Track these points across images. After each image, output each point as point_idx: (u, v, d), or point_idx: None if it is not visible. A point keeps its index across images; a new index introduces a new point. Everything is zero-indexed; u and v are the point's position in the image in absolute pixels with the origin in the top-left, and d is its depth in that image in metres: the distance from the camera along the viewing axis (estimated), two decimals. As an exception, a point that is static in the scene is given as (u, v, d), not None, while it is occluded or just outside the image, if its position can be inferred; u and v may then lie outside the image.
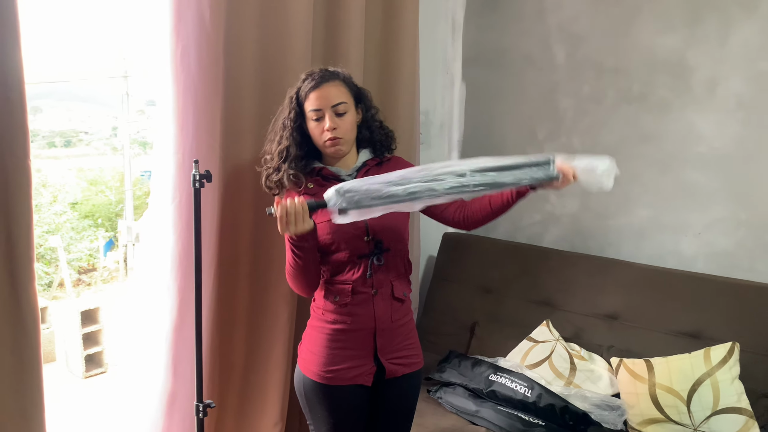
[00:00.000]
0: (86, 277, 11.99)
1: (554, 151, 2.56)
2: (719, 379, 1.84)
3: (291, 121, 1.57)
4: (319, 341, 1.58)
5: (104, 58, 14.51)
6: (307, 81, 1.56)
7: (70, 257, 11.62)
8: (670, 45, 2.28)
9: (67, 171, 14.76)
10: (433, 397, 2.17)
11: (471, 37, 2.85)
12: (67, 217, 12.45)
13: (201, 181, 1.64)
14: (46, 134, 17.09)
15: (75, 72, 14.20)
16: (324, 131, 1.54)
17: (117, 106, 12.39)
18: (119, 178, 13.47)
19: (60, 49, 13.55)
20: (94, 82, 15.39)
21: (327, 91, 1.54)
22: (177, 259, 1.86)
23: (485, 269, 2.61)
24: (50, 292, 10.54)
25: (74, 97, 18.86)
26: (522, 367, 2.15)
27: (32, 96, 16.85)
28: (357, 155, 1.64)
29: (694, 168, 2.28)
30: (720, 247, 2.25)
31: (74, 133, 17.75)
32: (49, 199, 12.92)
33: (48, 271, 11.01)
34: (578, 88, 2.53)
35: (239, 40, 1.90)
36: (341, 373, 1.55)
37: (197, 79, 1.80)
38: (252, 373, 2.10)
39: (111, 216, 13.58)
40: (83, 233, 12.46)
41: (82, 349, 3.96)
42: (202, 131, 1.83)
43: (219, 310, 1.97)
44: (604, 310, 2.27)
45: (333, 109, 1.53)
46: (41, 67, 13.88)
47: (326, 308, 1.58)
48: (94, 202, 13.75)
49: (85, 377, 4.05)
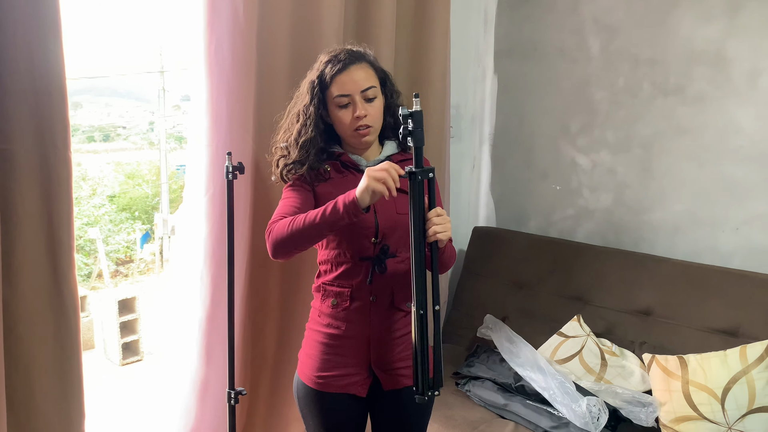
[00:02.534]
0: (123, 269, 12.30)
1: (587, 145, 2.54)
2: (755, 377, 1.80)
3: (314, 109, 1.44)
4: (314, 345, 1.50)
5: (142, 54, 14.81)
6: (332, 64, 1.42)
7: (108, 249, 11.93)
8: (710, 35, 2.23)
9: (106, 165, 15.14)
10: (461, 390, 2.17)
11: (503, 29, 2.83)
12: (106, 209, 12.78)
13: (234, 173, 1.68)
14: (85, 129, 17.56)
15: (113, 68, 14.54)
16: (353, 119, 1.42)
17: (154, 101, 12.65)
18: (155, 172, 13.77)
19: (99, 46, 13.88)
20: (132, 78, 15.73)
21: (355, 75, 1.42)
22: (210, 250, 1.90)
23: (516, 264, 2.59)
24: (89, 282, 10.85)
25: (113, 92, 19.32)
26: (552, 362, 2.13)
27: (72, 92, 17.31)
28: (380, 144, 1.54)
29: (733, 162, 2.22)
30: (759, 243, 2.19)
31: (113, 127, 18.20)
32: (89, 192, 13.29)
33: (87, 263, 11.32)
34: (613, 80, 2.49)
35: (272, 34, 1.93)
36: (333, 380, 1.46)
37: (231, 73, 1.83)
38: (282, 363, 2.14)
39: (147, 209, 13.89)
40: (121, 226, 12.78)
41: (119, 338, 4.06)
42: (235, 124, 1.86)
43: (251, 301, 2.01)
44: (637, 306, 2.24)
45: (362, 95, 1.42)
46: (81, 63, 14.25)
47: (322, 311, 1.50)
48: (132, 195, 14.08)
49: (122, 364, 4.16)
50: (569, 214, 2.69)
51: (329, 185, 1.47)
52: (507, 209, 2.91)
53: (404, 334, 1.49)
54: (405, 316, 1.49)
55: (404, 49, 2.36)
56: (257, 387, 2.11)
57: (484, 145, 2.95)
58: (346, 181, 1.47)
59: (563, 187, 2.69)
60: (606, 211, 2.57)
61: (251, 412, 2.12)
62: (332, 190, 1.45)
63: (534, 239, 2.65)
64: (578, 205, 2.65)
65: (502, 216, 2.93)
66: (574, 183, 2.65)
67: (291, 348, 2.12)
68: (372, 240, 1.43)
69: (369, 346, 1.47)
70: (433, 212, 1.29)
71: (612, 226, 2.55)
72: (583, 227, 2.64)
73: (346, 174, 1.49)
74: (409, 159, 1.52)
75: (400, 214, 1.43)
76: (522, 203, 2.84)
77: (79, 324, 1.71)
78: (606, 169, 2.55)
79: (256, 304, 2.03)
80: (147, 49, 14.69)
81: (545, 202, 2.76)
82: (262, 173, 1.96)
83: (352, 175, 1.48)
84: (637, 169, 2.46)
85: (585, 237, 2.62)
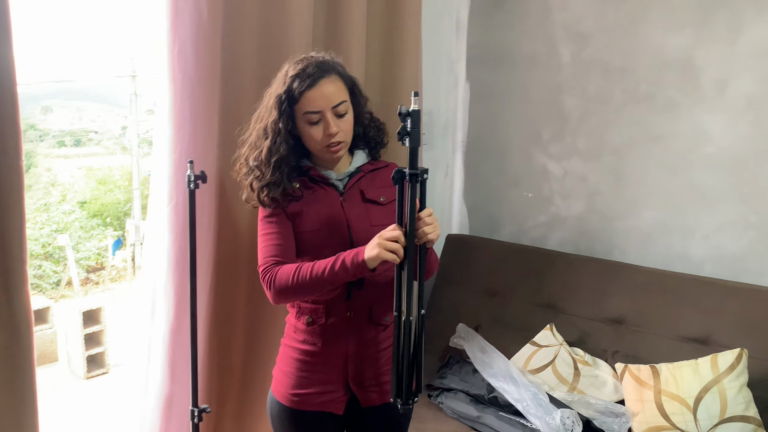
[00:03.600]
0: (94, 276, 12.06)
1: (559, 152, 2.53)
2: (726, 386, 1.79)
3: (284, 125, 1.37)
4: (289, 362, 1.46)
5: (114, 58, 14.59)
6: (300, 79, 1.36)
7: (79, 256, 11.69)
8: (679, 44, 2.23)
9: (77, 170, 14.85)
10: (434, 402, 2.13)
11: (475, 36, 2.82)
12: (76, 216, 12.53)
13: (196, 182, 1.62)
14: (56, 133, 17.22)
15: (85, 72, 14.29)
16: (324, 136, 1.37)
17: (126, 105, 12.45)
18: (128, 177, 13.54)
19: (70, 49, 13.62)
20: (104, 82, 15.48)
21: (325, 89, 1.36)
22: (174, 262, 1.84)
23: (489, 272, 2.57)
24: (58, 290, 10.61)
25: (84, 96, 18.98)
26: (525, 372, 2.11)
27: (43, 95, 16.97)
28: (350, 156, 1.50)
29: (703, 169, 2.23)
30: (729, 251, 2.20)
31: (84, 132, 17.88)
32: (58, 198, 13.02)
33: (56, 270, 11.07)
34: (584, 88, 2.48)
35: (238, 38, 1.87)
36: (309, 397, 1.43)
37: (194, 78, 1.78)
38: (250, 376, 2.08)
39: (119, 215, 13.66)
40: (92, 232, 12.54)
41: (83, 350, 3.95)
42: (200, 131, 1.81)
43: (216, 313, 1.95)
44: (609, 315, 2.23)
45: (334, 111, 1.37)
46: (51, 66, 13.97)
47: (297, 327, 1.46)
48: (103, 201, 13.83)
49: (87, 378, 4.04)
50: (541, 221, 2.67)
51: (301, 203, 1.42)
52: (480, 217, 2.89)
53: (382, 350, 1.45)
54: (384, 330, 1.46)
55: (375, 56, 2.32)
56: (224, 402, 2.04)
57: (457, 153, 2.92)
58: (316, 197, 1.43)
59: (535, 195, 2.68)
60: (578, 218, 2.56)
61: (218, 427, 2.06)
62: (303, 208, 1.41)
63: (507, 247, 2.63)
64: (550, 212, 2.64)
65: (475, 223, 2.90)
66: (546, 190, 2.64)
67: (259, 361, 2.06)
68: None
69: (346, 363, 1.43)
70: (426, 212, 1.27)
71: (584, 233, 2.55)
72: (555, 234, 2.63)
73: (315, 189, 1.44)
74: (380, 168, 1.52)
75: (374, 226, 1.37)
76: (494, 211, 2.82)
77: (32, 339, 1.63)
78: (577, 177, 2.54)
79: (221, 317, 1.97)
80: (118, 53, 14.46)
81: (517, 209, 2.74)
82: (227, 182, 1.90)
83: (322, 189, 1.44)
84: (608, 176, 2.46)
85: (557, 244, 2.61)
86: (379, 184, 1.47)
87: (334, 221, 1.40)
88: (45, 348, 4.30)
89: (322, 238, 1.39)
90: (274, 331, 2.06)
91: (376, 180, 1.48)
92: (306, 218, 1.41)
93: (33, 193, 12.51)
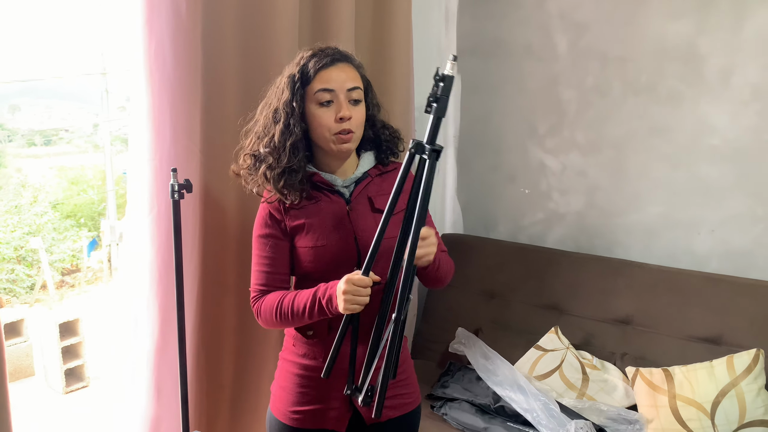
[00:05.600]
0: (70, 279, 11.75)
1: (556, 146, 2.44)
2: (744, 389, 1.72)
3: (297, 105, 1.26)
4: (289, 377, 1.38)
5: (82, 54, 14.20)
6: (317, 58, 1.27)
7: (53, 258, 11.37)
8: (681, 32, 2.15)
9: (48, 170, 14.44)
10: (437, 413, 2.03)
11: (466, 26, 2.70)
12: (49, 217, 12.17)
13: (180, 192, 1.49)
14: (25, 133, 16.72)
15: (52, 69, 13.89)
16: (337, 118, 1.25)
17: (97, 103, 12.11)
18: (101, 176, 13.20)
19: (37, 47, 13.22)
20: (73, 80, 15.07)
21: (342, 72, 1.27)
22: (157, 276, 1.70)
23: (487, 272, 2.47)
24: (33, 295, 10.30)
25: (53, 94, 18.49)
26: (531, 378, 2.02)
27: (10, 94, 16.51)
28: (357, 159, 1.38)
29: (707, 162, 2.15)
30: (736, 246, 2.13)
31: (54, 131, 17.40)
32: (30, 199, 12.65)
33: (30, 274, 10.75)
34: (582, 79, 2.39)
35: (219, 34, 1.73)
36: (310, 414, 1.35)
37: (173, 77, 1.64)
38: (242, 395, 1.96)
39: (94, 215, 13.32)
40: (65, 234, 12.20)
41: (61, 363, 3.76)
42: (181, 134, 1.67)
43: (204, 330, 1.82)
44: (615, 315, 2.15)
45: (347, 94, 1.26)
46: (17, 65, 13.55)
47: (297, 339, 1.37)
48: (76, 201, 13.48)
49: (66, 392, 3.86)
50: (539, 218, 2.58)
51: (304, 214, 1.31)
52: (474, 214, 2.79)
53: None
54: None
55: (365, 49, 2.20)
56: (214, 423, 1.92)
57: (449, 148, 2.81)
58: (320, 208, 1.31)
59: (532, 191, 2.58)
60: (577, 214, 2.47)
61: (209, 449, 1.93)
62: (306, 219, 1.30)
63: (504, 246, 2.53)
64: (548, 209, 2.55)
65: (470, 222, 2.80)
66: (544, 186, 2.55)
67: (251, 378, 1.94)
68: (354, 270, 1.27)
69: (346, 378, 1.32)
70: (424, 231, 1.15)
71: (584, 230, 2.46)
72: (554, 232, 2.55)
73: (319, 198, 1.32)
74: (388, 172, 1.40)
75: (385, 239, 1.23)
76: (490, 208, 2.72)
77: (4, 357, 1.48)
78: (576, 171, 2.46)
79: (210, 334, 1.84)
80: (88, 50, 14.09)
81: (514, 206, 2.65)
82: (212, 190, 1.77)
83: (326, 197, 1.32)
84: (608, 170, 2.37)
85: (556, 242, 2.53)
86: (388, 189, 1.34)
87: (340, 235, 1.29)
88: (20, 362, 4.10)
89: (327, 253, 1.28)
90: (266, 343, 1.94)
91: (384, 185, 1.37)
92: (309, 232, 1.30)
93: (3, 194, 12.14)
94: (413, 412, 1.42)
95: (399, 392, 1.39)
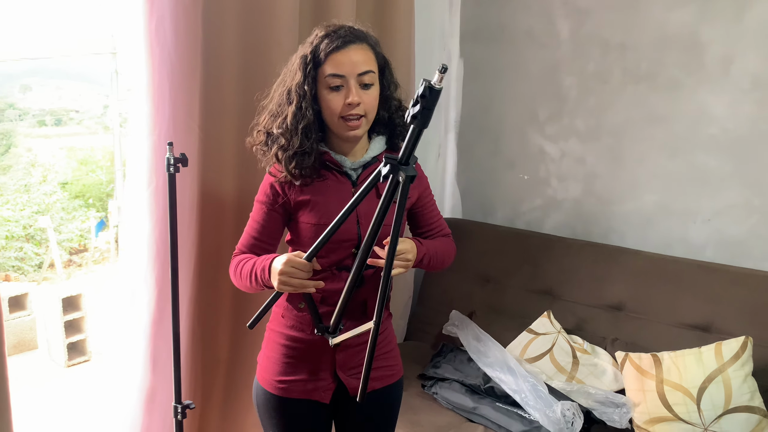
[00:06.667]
0: (77, 258, 11.85)
1: (556, 133, 2.44)
2: (731, 375, 1.74)
3: (309, 88, 1.27)
4: (275, 348, 1.40)
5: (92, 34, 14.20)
6: (328, 39, 1.26)
7: (61, 238, 11.46)
8: (682, 20, 2.14)
9: (58, 150, 14.52)
10: (427, 392, 2.06)
11: (469, 11, 2.70)
12: (58, 197, 12.27)
13: (176, 165, 1.52)
14: (36, 113, 16.80)
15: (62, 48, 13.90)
16: (345, 104, 1.25)
17: (107, 84, 12.15)
18: (110, 157, 13.27)
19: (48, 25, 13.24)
20: (84, 60, 15.08)
21: (354, 55, 1.25)
22: (154, 249, 1.74)
23: (483, 257, 2.49)
24: (40, 273, 10.41)
25: (64, 75, 18.53)
26: (522, 361, 2.04)
27: (21, 73, 16.56)
28: (368, 142, 1.38)
29: (705, 151, 2.15)
30: (731, 235, 2.14)
31: (65, 111, 17.46)
32: (39, 179, 12.74)
33: (38, 252, 10.86)
34: (583, 65, 2.39)
35: (220, 11, 1.75)
36: (295, 385, 1.38)
37: (174, 54, 1.66)
38: (237, 367, 1.99)
39: (102, 196, 13.40)
40: (74, 213, 12.29)
41: (64, 337, 3.82)
42: (180, 110, 1.70)
43: (200, 303, 1.86)
44: (608, 301, 2.16)
45: (358, 79, 1.26)
46: (28, 43, 13.57)
47: (287, 311, 1.39)
48: (85, 182, 13.56)
49: (68, 366, 3.92)
50: (537, 204, 2.59)
51: (310, 191, 1.33)
52: (473, 199, 2.80)
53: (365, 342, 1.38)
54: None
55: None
56: (209, 396, 1.96)
57: (450, 133, 2.83)
58: (326, 186, 1.33)
59: (531, 177, 2.59)
60: (575, 201, 2.49)
61: (203, 422, 1.97)
62: (312, 197, 1.32)
63: (501, 231, 2.55)
64: (546, 195, 2.56)
65: (468, 206, 2.82)
66: (543, 172, 2.56)
67: (246, 352, 1.98)
68: (353, 251, 1.32)
69: (334, 351, 1.37)
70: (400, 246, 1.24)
71: (581, 216, 2.47)
72: (551, 218, 2.56)
73: (326, 177, 1.34)
74: None
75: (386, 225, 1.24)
76: (489, 193, 2.74)
77: (3, 333, 1.53)
78: (575, 159, 2.46)
79: (206, 307, 1.87)
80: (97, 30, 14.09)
81: (512, 192, 2.66)
82: (210, 165, 1.80)
83: (334, 177, 1.34)
84: (607, 158, 2.38)
85: (553, 228, 2.54)
86: None
87: None
88: (24, 335, 4.17)
89: None
90: (262, 320, 1.97)
91: None
92: (313, 209, 1.32)
93: (13, 173, 12.23)
94: (396, 383, 1.46)
95: (382, 364, 1.42)
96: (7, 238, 10.35)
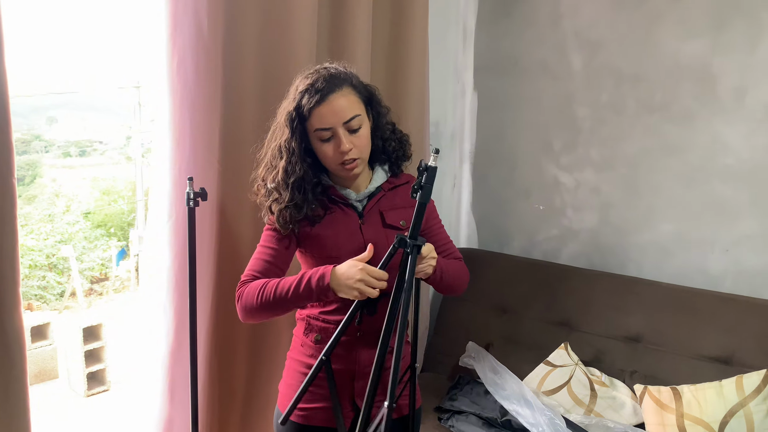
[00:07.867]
0: (98, 287, 11.99)
1: (570, 163, 2.45)
2: (753, 410, 1.71)
3: (297, 144, 1.31)
4: (296, 376, 1.43)
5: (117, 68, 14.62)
6: (309, 95, 1.29)
7: (83, 267, 11.63)
8: (695, 51, 2.16)
9: (82, 180, 14.82)
10: (444, 425, 2.05)
11: (483, 44, 2.75)
12: (80, 226, 12.48)
13: (195, 200, 1.56)
14: (61, 144, 17.21)
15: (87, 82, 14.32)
16: (337, 153, 1.30)
17: (130, 116, 12.44)
18: (132, 187, 13.52)
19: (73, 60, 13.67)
20: (109, 93, 15.50)
21: (336, 105, 1.28)
22: (173, 281, 1.77)
23: (500, 287, 2.49)
24: (62, 302, 10.54)
25: (89, 107, 19.01)
26: (539, 394, 2.02)
27: (48, 106, 17.01)
28: (370, 171, 1.43)
29: (722, 181, 2.15)
30: (750, 265, 2.12)
31: (89, 142, 17.86)
32: (63, 208, 12.99)
33: (60, 281, 11.01)
34: (596, 96, 2.41)
35: (239, 51, 1.81)
36: (315, 413, 1.40)
37: (195, 91, 1.71)
38: (254, 399, 2.00)
39: (123, 225, 13.61)
40: (96, 243, 12.48)
41: (84, 367, 3.87)
42: (200, 146, 1.74)
43: (217, 334, 1.88)
44: (626, 332, 2.14)
45: (346, 126, 1.29)
46: (55, 77, 14.00)
47: (305, 342, 1.43)
48: (107, 211, 13.80)
49: (87, 395, 3.96)
50: (553, 234, 2.59)
51: (318, 226, 1.37)
52: (489, 229, 2.81)
53: (388, 368, 1.38)
54: (392, 351, 1.38)
55: (381, 65, 2.26)
56: (226, 426, 1.96)
57: (465, 164, 2.85)
58: (333, 219, 1.38)
59: (546, 207, 2.60)
60: (591, 231, 2.48)
61: (220, 452, 1.98)
62: (321, 231, 1.37)
63: (517, 261, 2.55)
64: (562, 225, 2.56)
65: (484, 236, 2.83)
66: (558, 202, 2.57)
67: (262, 383, 1.99)
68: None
69: (353, 380, 1.40)
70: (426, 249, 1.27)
71: (597, 247, 2.47)
72: (567, 248, 2.55)
73: (333, 210, 1.38)
74: (401, 185, 1.46)
75: None
76: (504, 223, 2.75)
77: (25, 363, 1.55)
78: (590, 188, 2.47)
79: (223, 339, 1.89)
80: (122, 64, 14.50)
81: (528, 222, 2.67)
82: (228, 198, 1.84)
83: (340, 210, 1.39)
84: (622, 188, 2.38)
85: (569, 258, 2.53)
86: (399, 203, 1.42)
87: (352, 247, 1.35)
88: (45, 365, 4.22)
89: (340, 261, 1.33)
90: (278, 349, 1.99)
91: (396, 199, 1.43)
92: (323, 242, 1.36)
93: (38, 203, 12.49)
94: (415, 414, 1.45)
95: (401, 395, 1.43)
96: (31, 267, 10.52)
